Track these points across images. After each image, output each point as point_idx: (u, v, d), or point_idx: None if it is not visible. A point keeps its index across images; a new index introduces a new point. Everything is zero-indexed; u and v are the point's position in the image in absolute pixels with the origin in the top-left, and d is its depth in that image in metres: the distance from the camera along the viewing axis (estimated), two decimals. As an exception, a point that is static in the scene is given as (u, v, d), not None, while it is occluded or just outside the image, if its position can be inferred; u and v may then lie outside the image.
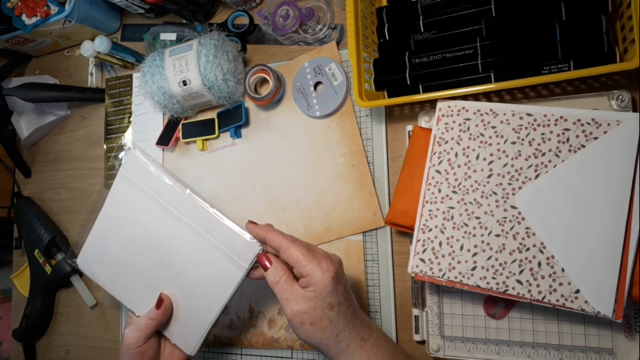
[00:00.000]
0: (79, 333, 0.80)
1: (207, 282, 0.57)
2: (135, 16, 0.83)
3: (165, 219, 0.59)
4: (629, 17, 0.48)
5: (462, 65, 0.54)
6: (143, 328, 0.57)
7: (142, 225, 0.60)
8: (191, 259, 0.58)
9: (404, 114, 0.62)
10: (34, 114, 0.85)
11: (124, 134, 0.79)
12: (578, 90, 0.54)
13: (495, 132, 0.52)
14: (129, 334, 0.57)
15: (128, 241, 0.61)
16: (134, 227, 0.61)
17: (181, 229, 0.58)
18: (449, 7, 0.55)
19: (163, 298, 0.58)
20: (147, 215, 0.60)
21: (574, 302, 0.46)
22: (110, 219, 0.63)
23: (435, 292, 0.56)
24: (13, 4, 0.79)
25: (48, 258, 0.79)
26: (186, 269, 0.58)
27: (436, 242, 0.52)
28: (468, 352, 0.54)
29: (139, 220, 0.60)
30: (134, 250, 0.61)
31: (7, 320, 0.88)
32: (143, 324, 0.57)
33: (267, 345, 0.65)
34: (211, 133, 0.71)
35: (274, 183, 0.67)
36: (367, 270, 0.61)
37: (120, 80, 0.81)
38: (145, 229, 0.60)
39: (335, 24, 0.67)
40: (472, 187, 0.52)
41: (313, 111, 0.65)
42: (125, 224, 0.61)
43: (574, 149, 0.48)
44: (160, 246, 0.59)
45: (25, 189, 0.89)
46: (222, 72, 0.65)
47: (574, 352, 0.50)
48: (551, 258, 0.47)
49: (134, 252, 0.61)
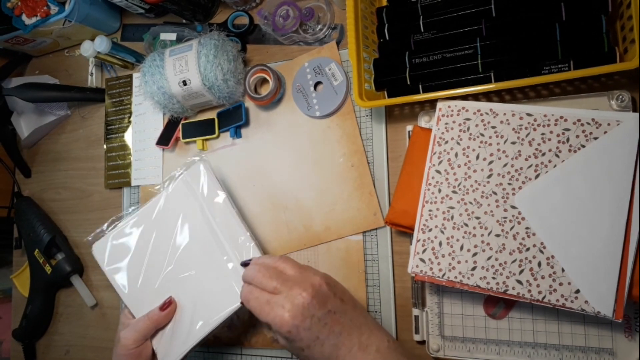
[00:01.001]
0: (79, 333, 0.80)
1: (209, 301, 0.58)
2: (135, 16, 0.83)
3: (203, 232, 0.60)
4: (629, 17, 0.48)
5: (462, 65, 0.54)
6: (142, 329, 0.57)
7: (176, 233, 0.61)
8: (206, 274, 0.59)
9: (404, 114, 0.62)
10: (34, 114, 0.85)
11: (124, 134, 0.79)
12: (578, 90, 0.54)
13: (495, 132, 0.52)
14: (126, 335, 0.57)
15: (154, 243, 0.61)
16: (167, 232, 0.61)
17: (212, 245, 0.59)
18: (449, 7, 0.55)
19: (172, 301, 0.58)
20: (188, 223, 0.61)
21: (574, 302, 0.46)
22: (149, 215, 0.63)
23: (435, 292, 0.56)
24: (13, 4, 0.79)
25: (48, 258, 0.79)
26: (197, 282, 0.59)
27: (436, 242, 0.52)
28: (468, 352, 0.54)
29: (176, 226, 0.61)
30: (157, 250, 0.61)
31: (7, 320, 0.88)
32: (142, 325, 0.57)
33: (267, 345, 0.65)
34: (211, 133, 0.71)
35: (274, 183, 0.67)
36: (367, 270, 0.61)
37: (120, 80, 0.81)
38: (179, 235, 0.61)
39: (335, 24, 0.67)
40: (472, 187, 0.52)
41: (313, 111, 0.65)
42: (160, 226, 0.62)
43: (574, 149, 0.48)
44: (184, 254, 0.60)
45: (25, 189, 0.89)
46: (222, 72, 0.65)
47: (574, 352, 0.50)
48: (551, 258, 0.47)
49: (157, 253, 0.61)
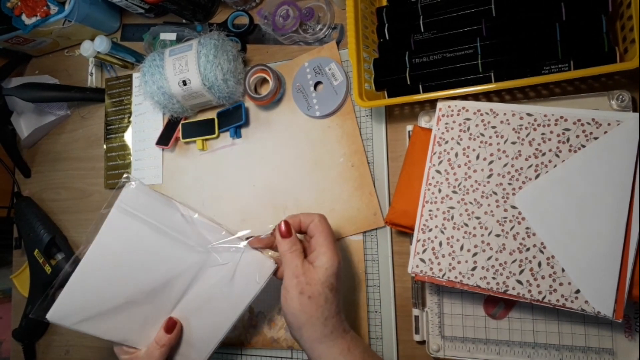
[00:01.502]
0: (79, 333, 0.79)
1: (219, 302, 0.56)
2: (135, 16, 0.83)
3: (171, 247, 0.57)
4: (629, 17, 0.48)
5: (462, 65, 0.54)
6: (158, 357, 0.55)
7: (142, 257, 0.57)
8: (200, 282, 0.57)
9: (404, 114, 0.62)
10: (34, 114, 0.85)
11: (124, 134, 0.79)
12: (578, 90, 0.54)
13: (495, 132, 0.52)
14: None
15: (122, 274, 0.57)
16: (132, 260, 0.57)
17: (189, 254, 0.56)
18: (449, 7, 0.55)
19: (175, 321, 0.56)
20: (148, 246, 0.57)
21: (574, 302, 0.46)
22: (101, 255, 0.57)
23: (435, 292, 0.56)
24: (13, 3, 0.78)
25: (48, 258, 0.79)
26: (194, 293, 0.57)
27: (436, 242, 0.52)
28: (468, 352, 0.54)
29: (138, 252, 0.57)
30: (130, 283, 0.57)
31: (7, 320, 0.88)
32: (157, 354, 0.55)
33: (267, 345, 0.65)
34: (211, 133, 0.71)
35: (274, 183, 0.67)
36: (367, 270, 0.61)
37: (120, 80, 0.81)
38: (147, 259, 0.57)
39: (335, 23, 0.67)
40: (472, 187, 0.52)
41: (313, 111, 0.65)
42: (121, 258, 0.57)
43: (574, 149, 0.48)
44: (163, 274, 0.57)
45: (25, 189, 0.89)
46: (222, 72, 0.64)
47: (574, 352, 0.50)
48: (551, 258, 0.47)
49: (131, 286, 0.57)
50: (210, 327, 0.57)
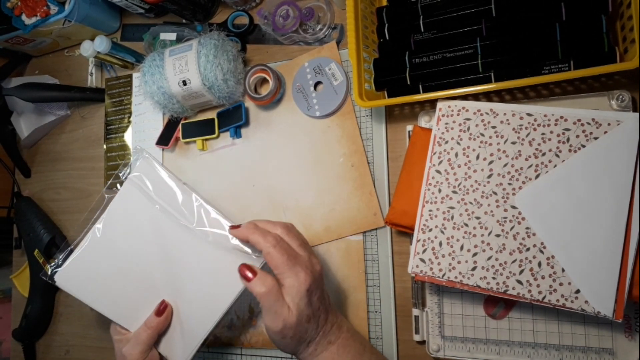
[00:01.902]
0: (79, 333, 0.80)
1: (208, 293, 0.57)
2: (135, 16, 0.83)
3: (173, 229, 0.57)
4: (629, 17, 0.48)
5: (462, 65, 0.54)
6: (145, 340, 0.56)
7: (146, 235, 0.58)
8: (195, 269, 0.57)
9: (404, 114, 0.62)
10: (34, 114, 0.85)
11: (124, 134, 0.79)
12: (578, 90, 0.54)
13: (495, 132, 0.52)
14: (130, 350, 0.55)
15: (126, 251, 0.58)
16: (136, 237, 0.58)
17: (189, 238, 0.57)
18: (449, 7, 0.55)
19: (166, 304, 0.57)
20: (153, 225, 0.58)
21: (574, 302, 0.46)
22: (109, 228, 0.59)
23: (435, 292, 0.56)
24: (13, 3, 0.78)
25: (48, 258, 0.79)
26: (188, 279, 0.57)
27: (436, 242, 0.52)
28: (468, 352, 0.54)
29: (143, 230, 0.58)
30: (132, 261, 0.58)
31: (7, 320, 0.88)
32: (144, 336, 0.56)
33: (267, 345, 0.65)
34: (211, 133, 0.71)
35: (274, 183, 0.67)
36: (367, 270, 0.61)
37: (120, 80, 0.81)
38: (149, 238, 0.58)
39: (335, 24, 0.67)
40: (472, 187, 0.52)
41: (313, 111, 0.65)
42: (127, 233, 0.59)
43: (574, 149, 0.48)
44: (162, 256, 0.57)
45: (25, 189, 0.89)
46: (222, 72, 0.64)
47: (574, 352, 0.50)
48: (551, 258, 0.47)
49: (133, 263, 0.58)
50: (198, 317, 0.57)
